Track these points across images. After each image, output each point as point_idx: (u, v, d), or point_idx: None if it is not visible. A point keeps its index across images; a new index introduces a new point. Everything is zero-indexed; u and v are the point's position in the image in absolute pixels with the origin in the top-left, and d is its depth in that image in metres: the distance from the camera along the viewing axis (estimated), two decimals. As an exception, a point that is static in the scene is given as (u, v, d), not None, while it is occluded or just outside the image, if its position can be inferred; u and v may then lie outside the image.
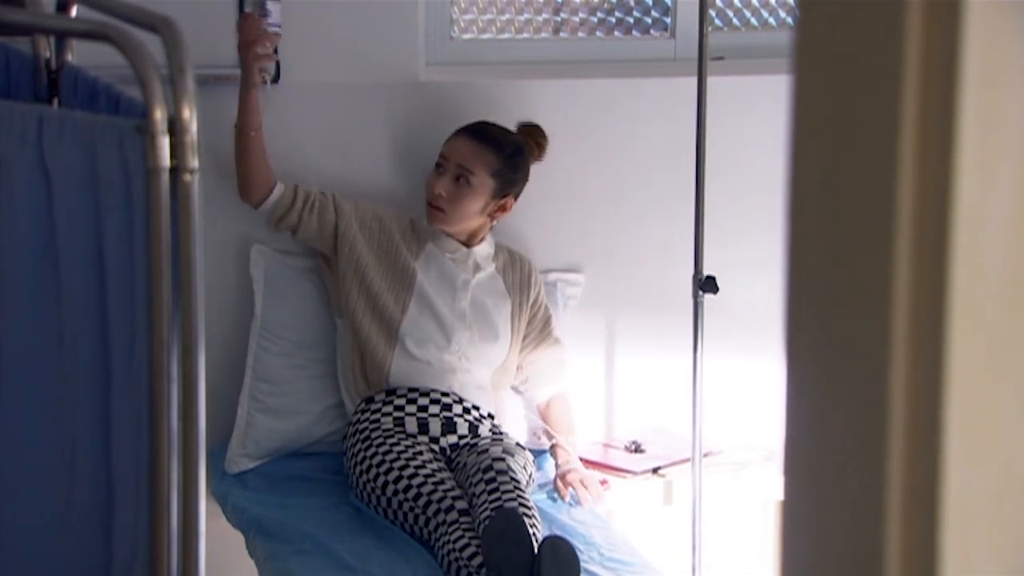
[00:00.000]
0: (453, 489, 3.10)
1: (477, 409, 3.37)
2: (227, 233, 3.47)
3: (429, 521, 3.05)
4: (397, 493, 3.12)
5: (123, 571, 1.94)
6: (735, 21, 3.96)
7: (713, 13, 3.86)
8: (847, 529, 0.89)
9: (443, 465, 3.23)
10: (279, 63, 3.42)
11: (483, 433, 3.34)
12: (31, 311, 1.94)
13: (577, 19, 3.91)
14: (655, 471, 3.56)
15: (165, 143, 1.78)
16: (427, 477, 3.12)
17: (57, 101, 2.41)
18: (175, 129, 1.79)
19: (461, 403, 3.35)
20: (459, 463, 3.26)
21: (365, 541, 3.07)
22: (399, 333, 3.36)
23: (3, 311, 1.94)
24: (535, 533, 2.96)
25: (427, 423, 3.31)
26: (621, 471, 3.53)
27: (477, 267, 3.46)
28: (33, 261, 1.92)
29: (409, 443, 3.23)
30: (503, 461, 3.16)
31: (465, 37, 3.80)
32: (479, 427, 3.35)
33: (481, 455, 3.21)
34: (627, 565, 3.08)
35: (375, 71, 3.55)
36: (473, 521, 3.00)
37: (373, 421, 3.29)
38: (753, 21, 3.97)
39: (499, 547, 2.84)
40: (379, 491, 3.15)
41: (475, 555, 2.89)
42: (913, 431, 0.84)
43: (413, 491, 3.10)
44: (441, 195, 3.36)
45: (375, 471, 3.17)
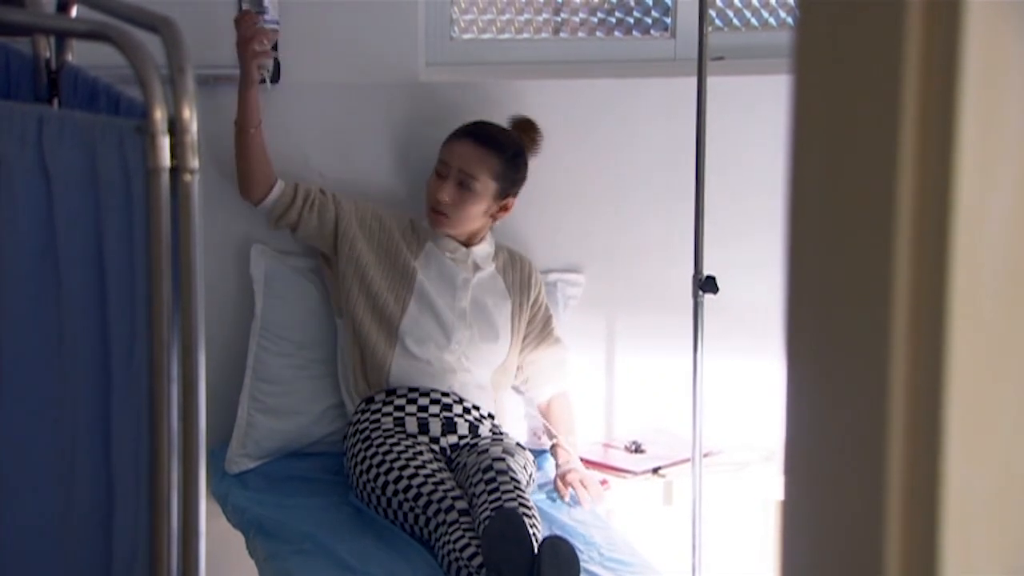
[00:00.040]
0: (453, 489, 3.10)
1: (477, 409, 3.37)
2: (227, 233, 3.47)
3: (429, 521, 3.05)
4: (397, 493, 3.12)
5: (123, 571, 1.94)
6: (735, 21, 3.96)
7: (713, 13, 3.86)
8: (847, 529, 0.89)
9: (443, 465, 3.22)
10: (279, 63, 3.42)
11: (483, 433, 3.34)
12: (31, 311, 1.94)
13: (577, 19, 3.91)
14: (655, 471, 3.55)
15: (165, 143, 1.79)
16: (427, 477, 3.12)
17: (57, 101, 2.41)
18: (175, 129, 1.79)
19: (461, 403, 3.35)
20: (459, 463, 3.26)
21: (365, 541, 3.07)
22: (399, 332, 3.36)
23: (3, 311, 1.94)
24: (535, 533, 2.96)
25: (427, 423, 3.31)
26: (621, 471, 3.53)
27: (477, 266, 3.46)
28: (33, 261, 1.92)
29: (409, 443, 3.23)
30: (503, 461, 3.16)
31: (465, 37, 3.80)
32: (479, 427, 3.35)
33: (481, 455, 3.21)
34: (627, 565, 3.08)
35: (375, 71, 3.55)
36: (473, 521, 3.00)
37: (373, 421, 3.29)
38: (753, 21, 3.97)
39: (499, 547, 2.84)
40: (379, 491, 3.15)
41: (475, 555, 2.89)
42: (913, 431, 0.84)
43: (413, 491, 3.10)
44: (445, 202, 3.36)
45: (375, 471, 3.17)
